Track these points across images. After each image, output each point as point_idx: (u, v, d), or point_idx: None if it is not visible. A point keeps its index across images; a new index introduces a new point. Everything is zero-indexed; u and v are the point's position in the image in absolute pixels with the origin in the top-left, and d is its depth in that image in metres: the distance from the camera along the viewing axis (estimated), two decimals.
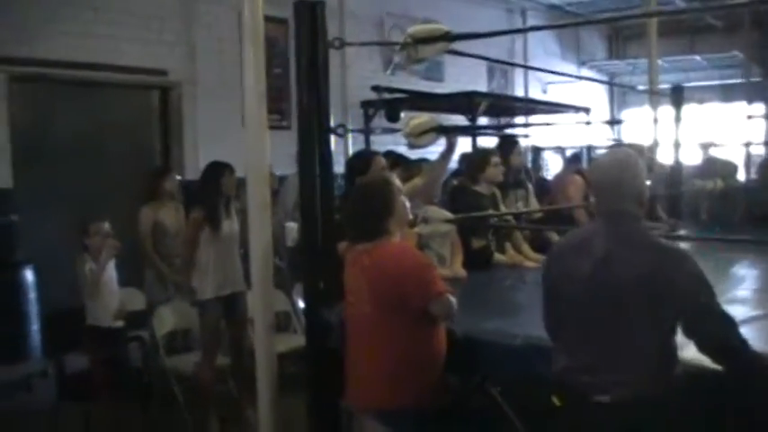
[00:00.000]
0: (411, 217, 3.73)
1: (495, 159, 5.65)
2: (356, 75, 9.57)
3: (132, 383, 5.66)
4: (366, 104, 9.71)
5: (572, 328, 2.94)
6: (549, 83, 13.66)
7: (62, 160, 7.37)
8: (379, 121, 9.66)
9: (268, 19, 4.37)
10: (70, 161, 7.40)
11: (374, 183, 3.76)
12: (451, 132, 4.55)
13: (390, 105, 9.40)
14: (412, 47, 4.03)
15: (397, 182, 3.64)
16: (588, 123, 10.68)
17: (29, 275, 6.61)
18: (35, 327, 6.58)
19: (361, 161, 4.82)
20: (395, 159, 5.46)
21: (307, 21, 4.16)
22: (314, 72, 4.14)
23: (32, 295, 6.61)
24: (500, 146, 6.35)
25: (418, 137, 4.21)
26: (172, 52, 8.18)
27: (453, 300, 3.42)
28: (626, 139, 10.99)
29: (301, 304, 6.44)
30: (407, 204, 3.62)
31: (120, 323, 5.51)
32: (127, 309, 5.67)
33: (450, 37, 4.07)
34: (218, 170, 5.82)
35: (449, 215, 4.33)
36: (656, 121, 8.19)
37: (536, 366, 3.23)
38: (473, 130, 8.53)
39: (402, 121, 4.43)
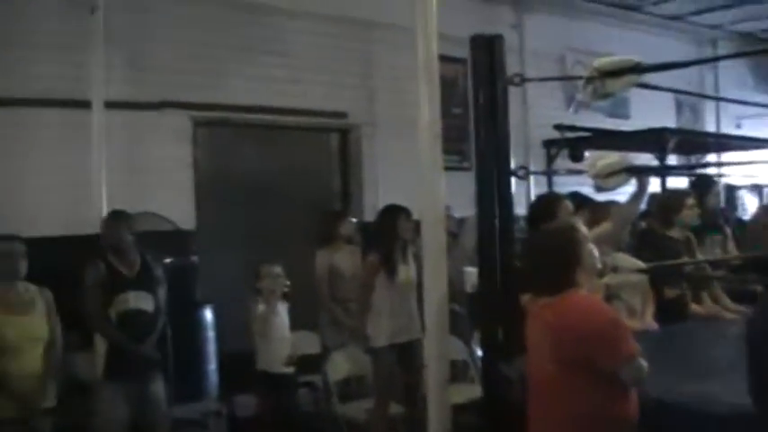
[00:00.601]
0: (600, 266, 3.39)
1: (691, 201, 5.22)
2: (537, 113, 9.29)
3: (302, 429, 5.56)
4: (548, 144, 9.37)
5: None
6: (743, 117, 12.81)
7: (242, 202, 7.47)
8: (562, 161, 9.31)
9: (447, 59, 4.23)
10: (250, 203, 7.49)
11: (560, 230, 3.44)
12: (643, 173, 4.18)
13: (574, 144, 9.04)
14: (598, 81, 3.73)
15: (583, 229, 3.33)
16: None
17: (208, 315, 6.67)
18: (212, 366, 6.61)
19: (545, 206, 4.52)
20: (580, 201, 5.11)
21: (484, 56, 3.97)
22: (493, 109, 3.93)
23: (210, 335, 6.65)
24: (695, 186, 5.88)
25: (606, 178, 3.88)
26: (351, 95, 8.20)
27: (645, 364, 3.06)
28: None
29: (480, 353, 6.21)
30: (596, 253, 3.29)
31: (290, 369, 5.43)
32: (299, 353, 5.60)
33: (639, 69, 3.75)
34: (393, 214, 5.68)
35: (640, 264, 3.96)
36: None
37: None
38: (665, 170, 8.02)
39: (588, 161, 4.10)
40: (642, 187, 4.28)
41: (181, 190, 7.02)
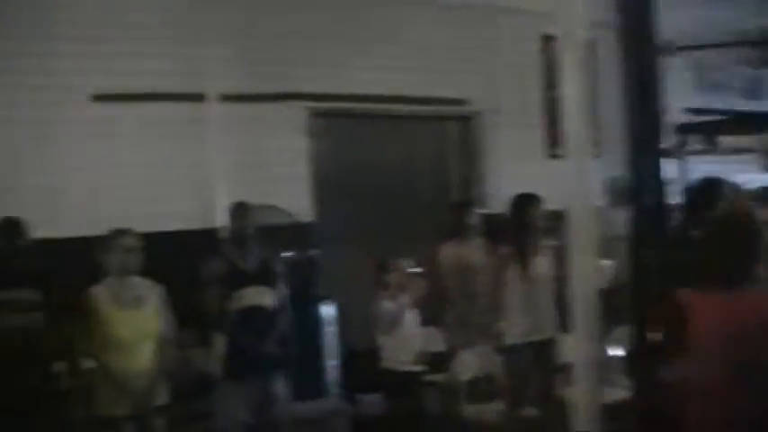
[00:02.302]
0: None
1: None
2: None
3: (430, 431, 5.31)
4: (682, 128, 8.78)
5: None
6: None
7: (362, 194, 7.25)
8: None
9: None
10: (370, 195, 7.28)
11: (736, 219, 3.09)
12: None
13: (709, 128, 8.46)
14: None
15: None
16: None
17: (329, 311, 6.48)
18: (334, 363, 6.41)
19: (707, 191, 4.12)
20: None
21: (632, 20, 3.54)
22: (646, 83, 3.51)
23: (332, 330, 6.45)
24: None
25: None
26: (472, 81, 7.91)
27: None
28: None
29: (612, 353, 5.81)
30: None
31: (419, 367, 5.16)
32: (428, 351, 5.33)
33: None
34: (525, 202, 5.33)
35: None
36: None
37: None
38: None
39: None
40: None
41: (298, 183, 6.86)
